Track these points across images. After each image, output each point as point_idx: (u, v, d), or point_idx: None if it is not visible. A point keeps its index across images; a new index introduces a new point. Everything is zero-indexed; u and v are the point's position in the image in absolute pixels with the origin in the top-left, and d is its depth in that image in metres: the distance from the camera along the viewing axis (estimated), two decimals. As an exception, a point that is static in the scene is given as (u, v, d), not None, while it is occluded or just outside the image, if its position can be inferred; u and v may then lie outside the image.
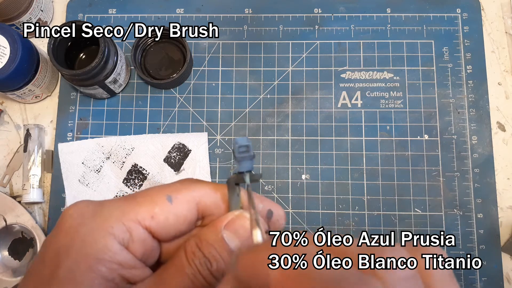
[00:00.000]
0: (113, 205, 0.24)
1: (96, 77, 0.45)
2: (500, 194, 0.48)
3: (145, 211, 0.24)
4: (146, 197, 0.25)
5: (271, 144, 0.50)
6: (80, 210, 0.24)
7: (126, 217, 0.24)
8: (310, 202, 0.48)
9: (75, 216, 0.24)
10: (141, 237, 0.24)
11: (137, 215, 0.24)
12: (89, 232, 0.23)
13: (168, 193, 0.25)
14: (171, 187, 0.25)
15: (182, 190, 0.25)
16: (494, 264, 0.46)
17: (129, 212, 0.24)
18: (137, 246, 0.24)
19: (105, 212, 0.24)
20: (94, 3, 0.54)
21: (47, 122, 0.51)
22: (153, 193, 0.25)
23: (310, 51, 0.52)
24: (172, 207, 0.25)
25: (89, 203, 0.25)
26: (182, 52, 0.51)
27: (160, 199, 0.25)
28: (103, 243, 0.23)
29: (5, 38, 0.44)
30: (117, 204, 0.24)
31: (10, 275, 0.46)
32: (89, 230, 0.23)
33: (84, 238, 0.23)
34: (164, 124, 0.50)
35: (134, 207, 0.24)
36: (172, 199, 0.25)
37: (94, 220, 0.24)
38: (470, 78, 0.51)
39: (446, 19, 0.52)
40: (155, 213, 0.24)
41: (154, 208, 0.24)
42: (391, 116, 0.50)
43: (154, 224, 0.24)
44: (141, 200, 0.25)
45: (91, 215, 0.24)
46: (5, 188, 0.50)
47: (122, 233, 0.23)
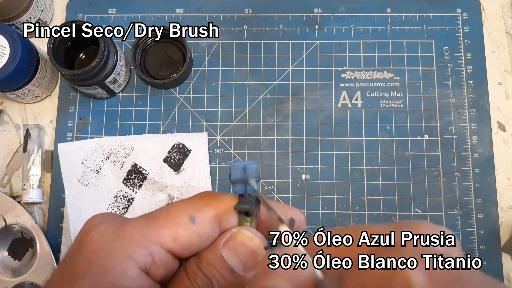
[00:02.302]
0: (134, 227, 0.24)
1: (96, 77, 0.45)
2: (501, 194, 0.48)
3: (168, 234, 0.24)
4: (168, 217, 0.24)
5: (271, 144, 0.50)
6: (101, 232, 0.24)
7: (149, 240, 0.23)
8: (310, 202, 0.48)
9: (96, 239, 0.24)
10: (163, 260, 0.24)
11: (159, 238, 0.23)
12: (109, 257, 0.23)
13: (190, 212, 0.25)
14: (192, 205, 0.25)
15: (204, 208, 0.25)
16: (494, 264, 0.46)
17: (152, 235, 0.23)
18: (159, 269, 0.24)
19: (127, 235, 0.23)
20: (94, 3, 0.54)
21: (46, 122, 0.51)
22: (174, 213, 0.24)
23: (310, 51, 0.52)
24: (196, 227, 0.24)
25: (109, 224, 0.24)
26: (182, 52, 0.51)
27: (183, 220, 0.24)
28: (123, 268, 0.23)
29: (5, 38, 0.44)
30: (139, 226, 0.24)
31: (9, 275, 0.46)
32: (109, 254, 0.23)
33: (103, 263, 0.23)
34: (164, 124, 0.50)
35: (156, 229, 0.24)
36: (195, 218, 0.24)
37: (116, 244, 0.23)
38: (471, 78, 0.51)
39: (447, 19, 0.52)
40: (178, 235, 0.24)
41: (177, 230, 0.24)
42: (391, 116, 0.50)
43: (177, 246, 0.24)
44: (163, 222, 0.24)
45: (112, 239, 0.23)
46: (5, 188, 0.50)
47: (144, 258, 0.23)
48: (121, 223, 0.24)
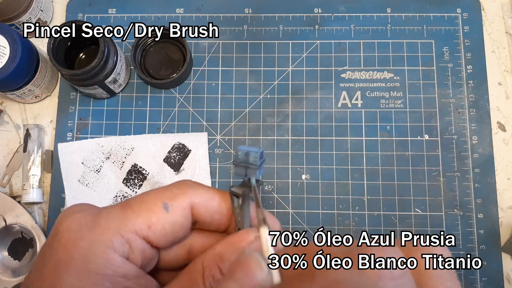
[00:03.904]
0: (110, 216, 0.24)
1: (96, 77, 0.45)
2: (501, 194, 0.48)
3: (142, 222, 0.24)
4: (142, 205, 0.24)
5: (271, 144, 0.50)
6: (78, 221, 0.24)
7: (124, 229, 0.23)
8: (310, 202, 0.48)
9: (72, 228, 0.23)
10: (139, 247, 0.24)
11: (134, 225, 0.23)
12: (88, 247, 0.23)
13: (165, 199, 0.25)
14: (167, 193, 0.25)
15: (178, 196, 0.25)
16: (494, 264, 0.46)
17: (127, 223, 0.23)
18: (136, 256, 0.24)
19: (103, 224, 0.23)
20: (94, 3, 0.54)
21: (46, 122, 0.51)
22: (149, 201, 0.25)
23: (310, 51, 0.52)
24: (169, 215, 0.24)
25: (85, 214, 0.24)
26: (182, 52, 0.51)
27: (157, 207, 0.24)
28: (105, 257, 0.23)
29: (4, 38, 0.44)
30: (114, 214, 0.24)
31: (9, 275, 0.46)
32: (88, 244, 0.23)
33: (84, 253, 0.23)
34: (164, 124, 0.50)
35: (130, 217, 0.24)
36: (168, 206, 0.24)
37: (93, 233, 0.23)
38: (471, 78, 0.51)
39: (447, 19, 0.52)
40: (152, 222, 0.24)
41: (150, 217, 0.24)
42: (391, 116, 0.50)
43: (151, 233, 0.24)
44: (137, 209, 0.24)
45: (89, 228, 0.23)
46: (5, 188, 0.50)
47: (121, 246, 0.23)
48: (97, 211, 0.24)
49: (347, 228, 0.47)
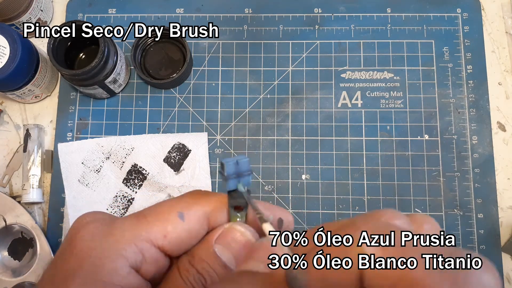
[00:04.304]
0: (124, 225, 0.24)
1: (96, 77, 0.45)
2: (500, 194, 0.48)
3: (158, 231, 0.24)
4: (157, 215, 0.24)
5: (271, 144, 0.50)
6: (91, 231, 0.24)
7: (138, 238, 0.23)
8: (310, 202, 0.48)
9: (86, 238, 0.24)
10: (153, 257, 0.24)
11: (149, 235, 0.24)
12: (99, 255, 0.23)
13: (179, 209, 0.25)
14: (181, 203, 0.25)
15: (193, 205, 0.25)
16: (494, 264, 0.46)
17: (141, 232, 0.23)
18: (150, 266, 0.24)
19: (117, 233, 0.23)
20: (94, 3, 0.54)
21: (46, 122, 0.51)
22: (164, 211, 0.25)
23: (310, 51, 0.52)
24: (185, 224, 0.24)
25: (99, 223, 0.24)
26: (182, 52, 0.51)
27: (172, 217, 0.24)
28: (113, 266, 0.23)
29: (5, 38, 0.44)
30: (129, 224, 0.24)
31: (9, 275, 0.46)
32: (100, 253, 0.23)
33: (94, 262, 0.23)
34: (164, 124, 0.50)
35: (146, 227, 0.24)
36: (184, 215, 0.24)
37: (106, 242, 0.23)
38: (471, 78, 0.51)
39: (447, 19, 0.52)
40: (167, 232, 0.24)
41: (166, 227, 0.24)
42: (391, 116, 0.50)
43: (167, 242, 0.24)
44: (152, 219, 0.24)
45: (103, 237, 0.23)
46: (5, 188, 0.50)
47: (134, 255, 0.23)
48: (111, 221, 0.25)
49: (347, 228, 0.47)
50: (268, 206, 0.27)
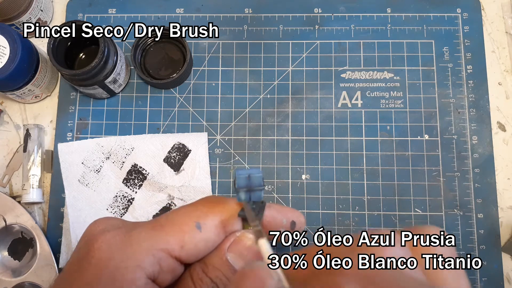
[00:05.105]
0: (141, 235, 0.24)
1: (96, 77, 0.45)
2: (501, 194, 0.48)
3: (175, 242, 0.24)
4: (174, 225, 0.25)
5: (271, 144, 0.50)
6: (108, 241, 0.24)
7: (156, 248, 0.24)
8: (310, 202, 0.48)
9: (103, 248, 0.24)
10: (170, 267, 0.24)
11: (167, 245, 0.24)
12: (118, 266, 0.23)
13: (196, 219, 0.25)
14: (197, 212, 0.25)
15: (209, 215, 0.25)
16: (494, 264, 0.46)
17: (159, 243, 0.24)
18: (166, 275, 0.24)
19: (134, 243, 0.24)
20: (94, 3, 0.54)
21: (46, 122, 0.51)
22: (181, 221, 0.25)
23: (310, 51, 0.52)
24: (202, 234, 0.25)
25: (116, 232, 0.24)
26: (182, 52, 0.51)
27: (189, 227, 0.24)
28: (131, 277, 0.23)
29: (4, 38, 0.44)
30: (146, 234, 0.24)
31: (9, 275, 0.46)
32: (118, 263, 0.23)
33: (112, 272, 0.23)
34: (164, 124, 0.50)
35: (163, 237, 0.24)
36: (201, 225, 0.25)
37: (124, 253, 0.23)
38: (471, 78, 0.51)
39: (447, 19, 0.52)
40: (185, 242, 0.24)
41: (183, 237, 0.24)
42: (391, 116, 0.50)
43: (184, 253, 0.24)
44: (169, 230, 0.24)
45: (120, 247, 0.24)
46: (5, 188, 0.50)
47: (152, 266, 0.23)
48: (127, 230, 0.25)
49: (347, 228, 0.47)
50: (281, 209, 0.28)
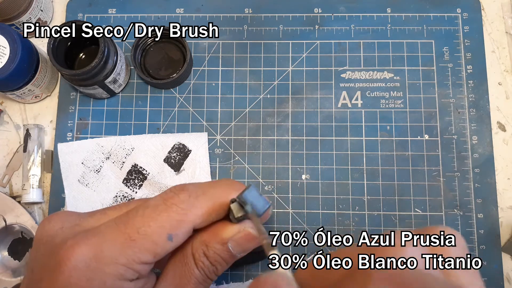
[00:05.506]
0: (114, 251, 0.25)
1: (96, 77, 0.45)
2: (501, 194, 0.48)
3: (149, 255, 0.25)
4: (146, 239, 0.25)
5: (271, 144, 0.50)
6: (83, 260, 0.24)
7: (132, 263, 0.25)
8: (310, 202, 0.48)
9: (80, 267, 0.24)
10: (146, 270, 0.26)
11: (141, 259, 0.25)
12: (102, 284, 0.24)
13: (168, 231, 0.26)
14: (170, 221, 0.26)
15: (181, 224, 0.26)
16: (494, 264, 0.46)
17: (134, 259, 0.25)
18: (142, 281, 0.27)
19: (110, 262, 0.25)
20: (94, 3, 0.54)
21: (46, 122, 0.51)
22: (153, 233, 0.26)
23: (310, 51, 0.52)
24: (173, 243, 0.26)
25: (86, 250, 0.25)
26: (182, 52, 0.51)
27: (161, 240, 0.26)
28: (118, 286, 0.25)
29: (4, 38, 0.44)
30: (118, 250, 0.25)
31: (9, 275, 0.46)
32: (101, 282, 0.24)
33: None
34: (164, 124, 0.50)
35: (136, 252, 0.25)
36: (173, 237, 0.26)
37: (103, 272, 0.24)
38: (471, 78, 0.51)
39: (447, 19, 0.52)
40: (157, 254, 0.26)
41: (156, 250, 0.26)
42: (391, 116, 0.50)
43: (156, 259, 0.26)
44: (141, 244, 0.25)
45: (98, 266, 0.24)
46: (5, 188, 0.50)
47: (131, 276, 0.25)
48: (98, 244, 0.25)
49: (347, 228, 0.47)
50: None
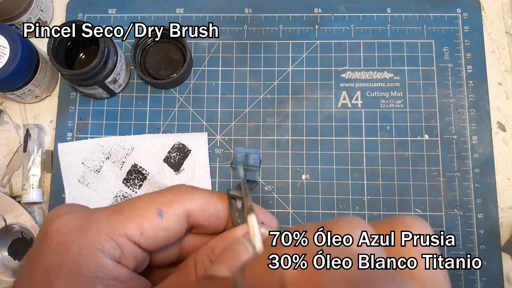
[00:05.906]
0: (101, 219, 0.23)
1: (96, 77, 0.45)
2: (501, 194, 0.48)
3: (134, 227, 0.23)
4: (135, 210, 0.24)
5: (271, 144, 0.50)
6: (67, 224, 0.23)
7: (115, 233, 0.23)
8: (310, 202, 0.48)
9: (62, 232, 0.23)
10: (132, 251, 0.24)
11: (126, 230, 0.23)
12: (79, 251, 0.22)
13: (159, 206, 0.24)
14: (161, 199, 0.25)
15: (174, 202, 0.25)
16: (494, 264, 0.46)
17: (118, 228, 0.23)
18: (129, 260, 0.24)
19: (93, 228, 0.23)
20: (94, 3, 0.54)
21: (46, 122, 0.51)
22: (142, 207, 0.24)
23: (310, 51, 0.52)
24: (163, 222, 0.24)
25: (74, 216, 0.24)
26: (182, 52, 0.51)
27: (150, 214, 0.24)
28: (96, 261, 0.22)
29: (5, 38, 0.44)
30: (105, 218, 0.24)
31: (9, 275, 0.46)
32: (79, 249, 0.22)
33: (75, 257, 0.22)
34: (164, 124, 0.50)
35: (122, 222, 0.23)
36: (163, 213, 0.24)
37: (83, 237, 0.23)
38: (471, 78, 0.51)
39: (447, 19, 0.52)
40: (144, 229, 0.24)
41: (143, 223, 0.24)
42: (391, 116, 0.50)
43: (144, 239, 0.24)
44: (129, 214, 0.24)
45: (79, 232, 0.23)
46: (5, 188, 0.50)
47: (112, 250, 0.23)
48: (87, 214, 0.24)
49: (347, 228, 0.47)
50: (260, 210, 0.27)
